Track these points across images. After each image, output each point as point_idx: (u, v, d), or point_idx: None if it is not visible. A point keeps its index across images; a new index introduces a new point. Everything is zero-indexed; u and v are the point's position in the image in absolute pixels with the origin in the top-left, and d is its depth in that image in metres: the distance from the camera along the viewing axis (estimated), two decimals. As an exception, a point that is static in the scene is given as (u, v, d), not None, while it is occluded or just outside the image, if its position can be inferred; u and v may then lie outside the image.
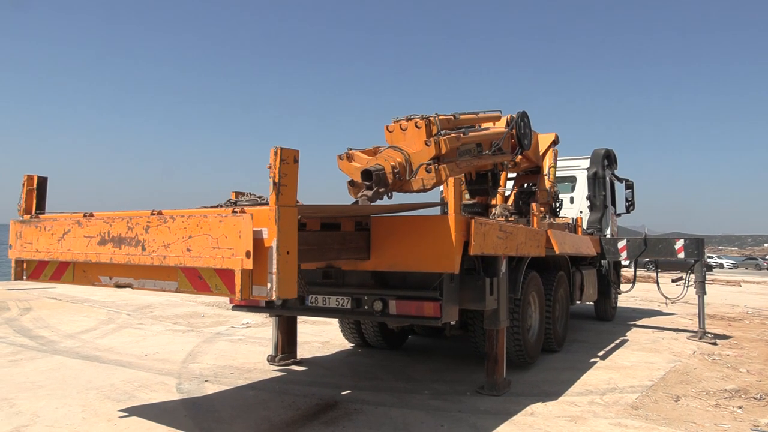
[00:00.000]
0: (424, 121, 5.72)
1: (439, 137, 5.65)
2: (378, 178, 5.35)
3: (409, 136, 5.75)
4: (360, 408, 5.38)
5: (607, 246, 10.45)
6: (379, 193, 5.37)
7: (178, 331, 9.65)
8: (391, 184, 5.51)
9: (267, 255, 3.30)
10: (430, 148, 5.61)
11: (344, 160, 5.96)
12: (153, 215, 3.75)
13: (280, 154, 3.30)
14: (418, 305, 5.23)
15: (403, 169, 5.59)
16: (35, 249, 4.39)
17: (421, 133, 5.67)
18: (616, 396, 5.93)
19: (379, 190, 5.36)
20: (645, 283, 17.07)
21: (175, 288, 3.73)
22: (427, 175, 5.58)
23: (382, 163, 5.50)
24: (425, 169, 5.58)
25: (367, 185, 5.37)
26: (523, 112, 7.51)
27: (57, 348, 8.03)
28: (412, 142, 5.73)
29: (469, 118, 6.56)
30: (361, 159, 5.86)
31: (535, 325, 7.47)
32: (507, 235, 5.75)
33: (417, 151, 5.69)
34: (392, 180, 5.50)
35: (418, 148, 5.68)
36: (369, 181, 5.35)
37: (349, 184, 5.86)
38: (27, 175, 4.74)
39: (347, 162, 5.92)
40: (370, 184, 5.35)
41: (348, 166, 5.90)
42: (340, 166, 6.00)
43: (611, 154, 12.08)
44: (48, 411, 5.17)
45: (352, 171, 5.80)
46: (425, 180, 5.60)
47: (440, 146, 5.61)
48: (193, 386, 6.10)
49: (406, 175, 5.59)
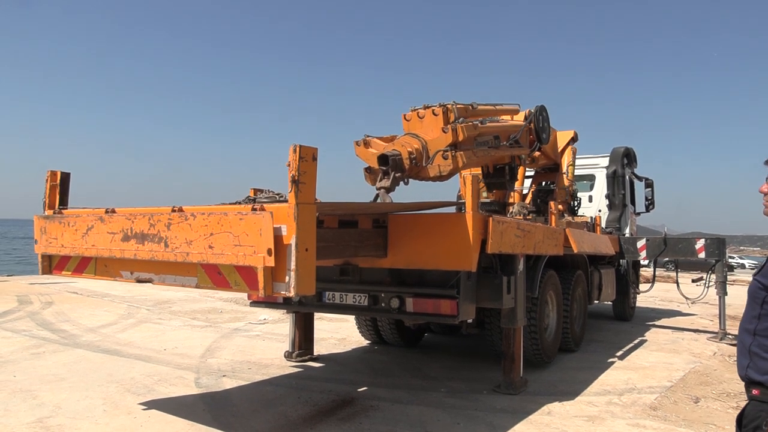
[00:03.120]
0: (442, 108, 5.67)
1: (456, 124, 5.61)
2: (394, 162, 5.32)
3: (426, 124, 5.72)
4: (376, 405, 5.40)
5: (626, 245, 10.35)
6: (396, 179, 5.34)
7: (197, 326, 9.75)
8: (407, 170, 5.46)
9: (286, 252, 3.32)
10: (447, 135, 5.56)
11: (361, 146, 5.93)
12: (174, 212, 3.80)
13: (299, 152, 3.32)
14: (435, 303, 5.23)
15: (420, 155, 5.55)
16: (60, 244, 4.47)
17: (439, 120, 5.63)
18: (635, 396, 5.88)
19: (396, 176, 5.32)
20: (664, 283, 16.87)
21: (195, 284, 3.78)
22: (443, 161, 5.53)
23: (399, 149, 5.48)
24: (442, 155, 5.52)
25: (383, 170, 5.35)
26: (541, 105, 7.42)
27: (78, 341, 8.15)
28: (429, 129, 5.69)
29: (487, 109, 6.50)
30: (378, 146, 5.84)
31: (552, 324, 7.43)
32: (525, 233, 5.72)
33: (434, 138, 5.64)
34: (409, 166, 5.46)
35: (436, 135, 5.63)
36: (385, 166, 5.32)
37: (365, 170, 5.83)
38: (50, 171, 4.82)
39: (364, 148, 5.90)
40: (386, 169, 5.32)
41: (365, 152, 5.88)
42: (357, 153, 5.97)
43: (631, 152, 11.95)
44: (70, 403, 5.26)
45: (368, 157, 5.78)
46: (442, 167, 5.55)
47: (457, 133, 5.56)
48: (211, 381, 6.17)
49: (423, 161, 5.55)
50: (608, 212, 11.37)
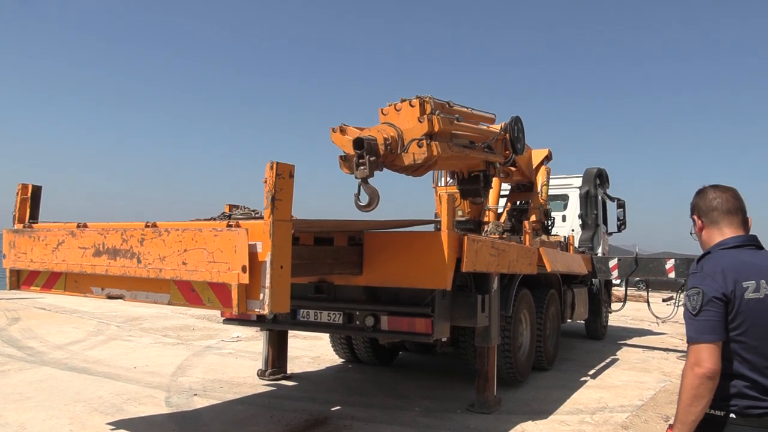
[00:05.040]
0: (419, 100, 5.72)
1: (432, 116, 5.65)
2: (369, 146, 5.30)
3: (403, 115, 5.75)
4: (350, 424, 5.36)
5: (599, 265, 10.49)
6: (372, 164, 5.33)
7: (168, 343, 9.59)
8: (382, 156, 5.46)
9: (261, 269, 3.31)
10: (423, 125, 5.58)
11: (337, 133, 5.93)
12: (147, 227, 3.76)
13: (276, 169, 3.33)
14: (409, 321, 5.23)
15: (395, 143, 5.57)
16: (29, 259, 4.39)
17: (415, 111, 5.66)
18: (606, 415, 5.94)
19: (371, 159, 5.32)
20: (636, 302, 17.11)
21: (168, 300, 3.74)
22: (418, 149, 5.54)
23: (375, 134, 5.51)
24: (417, 143, 5.56)
25: (358, 154, 5.34)
26: (516, 116, 7.49)
27: (45, 359, 7.95)
28: (406, 120, 5.72)
29: (464, 110, 6.54)
30: (354, 133, 5.84)
31: (526, 343, 7.48)
32: (499, 252, 5.78)
33: (410, 128, 5.68)
34: (384, 152, 5.45)
35: (412, 125, 5.69)
36: (360, 149, 5.31)
37: (340, 158, 5.82)
38: (21, 184, 4.74)
39: (340, 135, 5.89)
40: (361, 153, 5.32)
41: (341, 139, 5.88)
42: (333, 139, 5.97)
43: (603, 173, 12.18)
44: (35, 423, 5.12)
45: (344, 143, 5.79)
46: (416, 155, 5.56)
47: (433, 124, 5.58)
48: (182, 400, 6.06)
49: (398, 149, 5.59)
50: (581, 232, 11.54)
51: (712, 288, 2.07)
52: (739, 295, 2.06)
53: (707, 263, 2.16)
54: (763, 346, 2.07)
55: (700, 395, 2.05)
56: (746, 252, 2.17)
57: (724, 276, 2.07)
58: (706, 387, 2.04)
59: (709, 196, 2.28)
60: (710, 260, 2.17)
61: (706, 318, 2.07)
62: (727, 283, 2.06)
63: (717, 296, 2.06)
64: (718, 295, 2.06)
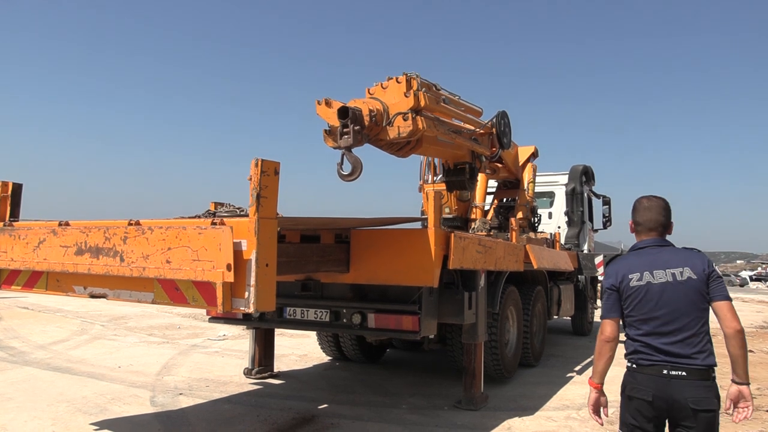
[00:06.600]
0: (405, 77, 5.70)
1: (419, 91, 5.64)
2: (354, 115, 5.27)
3: (390, 91, 5.74)
4: (337, 422, 5.34)
5: (585, 261, 10.56)
6: (356, 133, 5.30)
7: (153, 342, 9.51)
8: (367, 128, 5.44)
9: (246, 267, 3.27)
10: (409, 99, 5.57)
11: (322, 105, 5.91)
12: (131, 225, 3.71)
13: (261, 166, 3.29)
14: (396, 319, 5.22)
15: (381, 116, 5.55)
16: (10, 258, 4.31)
17: (401, 86, 5.65)
18: (592, 411, 5.96)
19: (356, 128, 5.29)
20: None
21: (152, 299, 3.69)
22: (403, 123, 5.53)
23: (360, 106, 5.49)
24: (402, 117, 5.56)
25: (342, 123, 5.31)
26: (503, 111, 7.48)
27: (27, 359, 7.85)
28: (392, 96, 5.72)
29: (450, 96, 6.54)
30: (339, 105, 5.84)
31: (512, 340, 7.50)
32: (486, 249, 5.78)
33: (396, 102, 5.67)
34: (369, 123, 5.43)
35: (398, 99, 5.67)
36: (344, 118, 5.27)
37: (325, 131, 5.79)
38: (1, 182, 4.67)
39: (325, 107, 5.87)
40: (345, 122, 5.29)
41: (326, 111, 5.85)
42: (318, 111, 5.94)
43: (589, 170, 12.24)
44: (17, 424, 5.04)
45: (329, 115, 5.75)
46: (401, 128, 5.54)
47: (419, 99, 5.57)
48: (167, 399, 6.00)
49: (383, 121, 5.57)
50: (567, 229, 11.60)
51: (608, 282, 2.95)
52: (626, 284, 2.85)
53: (609, 267, 2.99)
54: (649, 317, 2.80)
55: (603, 353, 2.94)
56: (648, 250, 2.88)
57: (616, 273, 2.90)
58: (606, 347, 2.93)
59: (640, 212, 2.97)
60: (613, 264, 2.97)
61: (606, 302, 2.94)
62: (618, 278, 2.88)
63: (610, 288, 2.93)
64: (611, 287, 2.92)
